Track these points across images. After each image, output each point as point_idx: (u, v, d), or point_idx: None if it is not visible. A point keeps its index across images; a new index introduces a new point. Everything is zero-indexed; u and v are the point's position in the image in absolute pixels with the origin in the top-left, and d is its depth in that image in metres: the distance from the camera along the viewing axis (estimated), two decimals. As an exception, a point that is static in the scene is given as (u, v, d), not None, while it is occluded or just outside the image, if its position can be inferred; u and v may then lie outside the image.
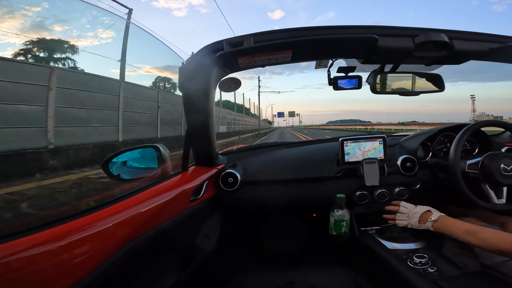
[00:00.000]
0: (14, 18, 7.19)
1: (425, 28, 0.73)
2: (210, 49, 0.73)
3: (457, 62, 0.85)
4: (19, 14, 8.63)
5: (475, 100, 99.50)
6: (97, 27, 6.92)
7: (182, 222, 0.80)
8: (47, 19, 9.93)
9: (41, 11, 11.46)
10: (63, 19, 9.80)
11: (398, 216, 0.94)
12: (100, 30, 9.28)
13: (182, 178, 0.89)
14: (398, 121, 77.24)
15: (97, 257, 0.51)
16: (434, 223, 0.83)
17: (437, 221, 0.83)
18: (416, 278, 0.75)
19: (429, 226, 0.84)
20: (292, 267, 1.05)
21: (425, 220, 0.86)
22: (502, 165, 0.88)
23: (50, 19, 10.01)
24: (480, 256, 0.78)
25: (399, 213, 0.94)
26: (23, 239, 0.42)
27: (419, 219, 0.87)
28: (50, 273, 0.44)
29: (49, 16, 9.91)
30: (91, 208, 0.56)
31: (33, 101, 4.83)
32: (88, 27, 11.13)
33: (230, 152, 1.27)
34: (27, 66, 5.05)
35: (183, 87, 0.82)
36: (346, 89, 0.95)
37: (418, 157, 1.11)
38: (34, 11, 8.95)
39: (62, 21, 10.01)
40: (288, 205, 1.11)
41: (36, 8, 9.70)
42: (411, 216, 0.89)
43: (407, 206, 0.93)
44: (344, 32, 0.71)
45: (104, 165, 0.83)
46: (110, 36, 9.90)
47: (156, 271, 0.72)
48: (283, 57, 0.76)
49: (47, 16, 9.51)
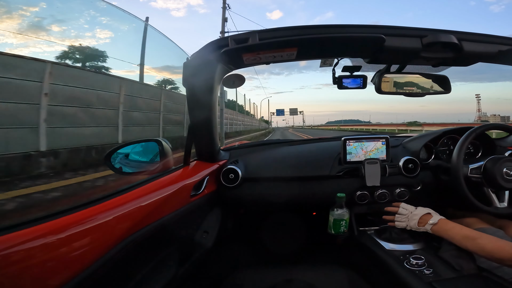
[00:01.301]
0: (11, 18, 7.16)
1: (433, 29, 0.72)
2: (215, 45, 0.72)
3: (466, 64, 0.83)
4: (16, 14, 8.58)
5: (480, 99, 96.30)
6: (95, 27, 6.92)
7: (182, 217, 0.81)
8: (44, 19, 9.86)
9: (39, 11, 11.38)
10: (60, 19, 9.75)
11: (397, 217, 0.93)
12: (98, 30, 9.23)
13: (183, 172, 0.89)
14: (404, 121, 75.19)
15: (96, 250, 0.51)
16: (433, 226, 0.83)
17: (436, 225, 0.83)
18: (412, 279, 0.75)
19: (428, 229, 0.84)
20: (290, 265, 1.05)
21: (424, 223, 0.85)
22: (505, 169, 0.88)
23: (48, 19, 9.97)
24: (477, 259, 0.78)
25: (398, 214, 0.93)
26: (23, 231, 0.43)
27: (419, 221, 0.87)
28: (49, 265, 0.44)
29: (46, 16, 9.87)
30: (92, 201, 0.56)
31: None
32: (86, 27, 11.09)
33: (232, 148, 1.27)
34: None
35: (187, 82, 0.82)
36: (350, 88, 0.94)
37: (420, 159, 1.10)
38: (32, 11, 8.90)
39: (60, 21, 9.97)
40: (288, 203, 1.11)
41: (34, 8, 9.65)
42: (410, 218, 0.89)
43: (406, 208, 0.93)
44: (351, 31, 0.70)
45: (106, 158, 0.83)
46: (108, 36, 9.90)
47: (155, 265, 0.73)
48: (288, 54, 0.75)
49: (44, 16, 9.46)
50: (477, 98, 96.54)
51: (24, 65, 4.37)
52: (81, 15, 9.61)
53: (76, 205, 0.53)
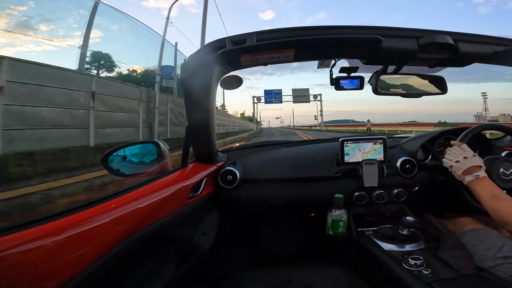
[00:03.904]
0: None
1: (430, 30, 0.72)
2: (212, 47, 0.72)
3: (461, 64, 0.84)
4: (4, 13, 8.44)
5: (487, 98, 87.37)
6: (84, 26, 6.79)
7: (180, 219, 0.80)
8: (32, 18, 9.74)
9: (27, 10, 11.28)
10: (49, 19, 9.64)
11: (448, 154, 0.89)
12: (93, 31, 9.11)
13: (181, 174, 0.89)
14: (397, 121, 72.56)
15: (95, 252, 0.51)
16: (473, 180, 0.80)
17: (477, 179, 0.80)
18: (411, 279, 0.75)
19: (466, 180, 0.81)
20: (289, 266, 1.05)
21: (468, 173, 0.81)
22: (502, 169, 0.89)
23: (35, 18, 9.85)
24: (475, 259, 0.79)
25: (453, 151, 0.88)
26: (21, 233, 0.42)
27: (465, 169, 0.82)
28: (48, 267, 0.44)
29: (34, 15, 9.74)
30: (90, 202, 0.56)
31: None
32: (75, 27, 11.00)
33: (230, 149, 1.27)
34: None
35: (185, 83, 0.82)
36: (348, 89, 0.95)
37: (417, 159, 1.11)
38: (19, 10, 8.79)
39: (48, 20, 9.85)
40: (286, 204, 1.11)
41: (21, 7, 9.55)
42: (462, 163, 0.83)
43: (465, 150, 0.87)
44: (348, 32, 0.71)
45: (103, 160, 0.83)
46: (98, 36, 9.82)
47: (153, 267, 0.73)
48: (286, 56, 0.76)
49: (32, 15, 9.32)
50: (484, 97, 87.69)
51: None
52: (70, 14, 9.50)
53: (74, 207, 0.53)
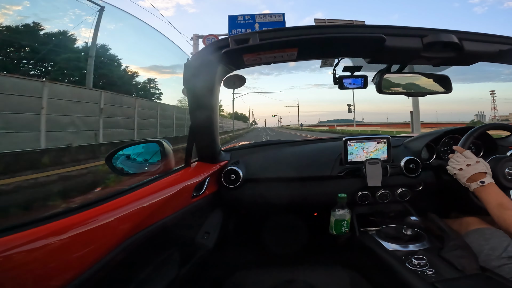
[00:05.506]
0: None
1: (434, 29, 0.72)
2: (215, 46, 0.72)
3: (466, 63, 0.83)
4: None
5: (495, 96, 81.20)
6: (80, 26, 6.69)
7: (183, 218, 0.81)
8: (27, 18, 9.78)
9: (22, 10, 11.41)
10: (44, 18, 9.68)
11: (452, 162, 0.89)
12: (83, 29, 8.94)
13: (184, 173, 0.89)
14: (395, 121, 70.37)
15: (98, 252, 0.51)
16: (479, 187, 0.79)
17: (483, 186, 0.79)
18: (415, 279, 0.75)
19: (472, 187, 0.81)
20: (292, 266, 1.05)
21: (473, 180, 0.81)
22: (507, 169, 0.88)
23: (31, 18, 9.94)
24: (480, 259, 0.78)
25: (456, 159, 0.88)
26: (24, 232, 0.43)
27: (470, 177, 0.82)
28: (51, 266, 0.44)
29: (30, 15, 9.82)
30: (93, 202, 0.56)
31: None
32: (70, 26, 10.96)
33: (233, 149, 1.27)
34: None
35: (188, 83, 0.82)
36: (351, 88, 0.94)
37: (422, 159, 1.10)
38: (14, 9, 8.85)
39: (44, 20, 9.89)
40: (289, 204, 1.11)
41: (17, 7, 9.62)
42: (465, 170, 0.83)
43: (468, 157, 0.86)
44: (352, 31, 0.70)
45: (107, 159, 0.84)
46: (88, 35, 9.84)
47: (156, 266, 0.73)
48: (289, 55, 0.75)
49: (27, 15, 9.38)
50: (492, 96, 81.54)
51: None
52: (66, 14, 9.54)
53: (77, 207, 0.53)
